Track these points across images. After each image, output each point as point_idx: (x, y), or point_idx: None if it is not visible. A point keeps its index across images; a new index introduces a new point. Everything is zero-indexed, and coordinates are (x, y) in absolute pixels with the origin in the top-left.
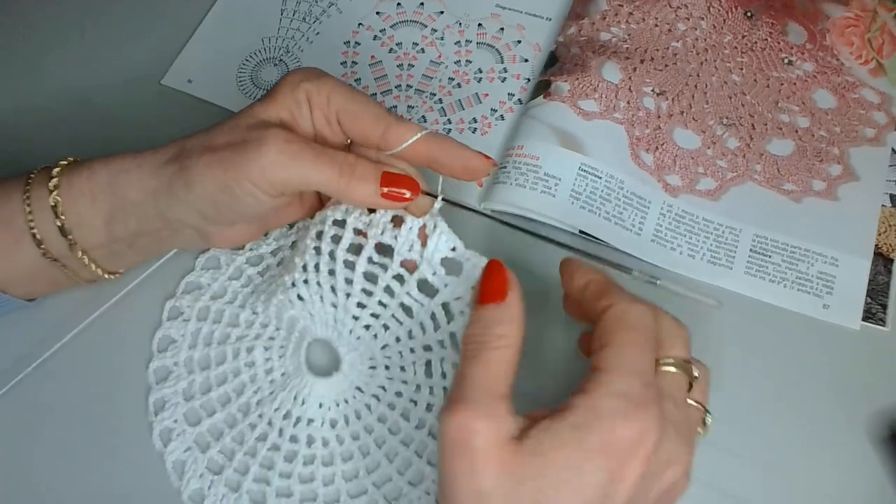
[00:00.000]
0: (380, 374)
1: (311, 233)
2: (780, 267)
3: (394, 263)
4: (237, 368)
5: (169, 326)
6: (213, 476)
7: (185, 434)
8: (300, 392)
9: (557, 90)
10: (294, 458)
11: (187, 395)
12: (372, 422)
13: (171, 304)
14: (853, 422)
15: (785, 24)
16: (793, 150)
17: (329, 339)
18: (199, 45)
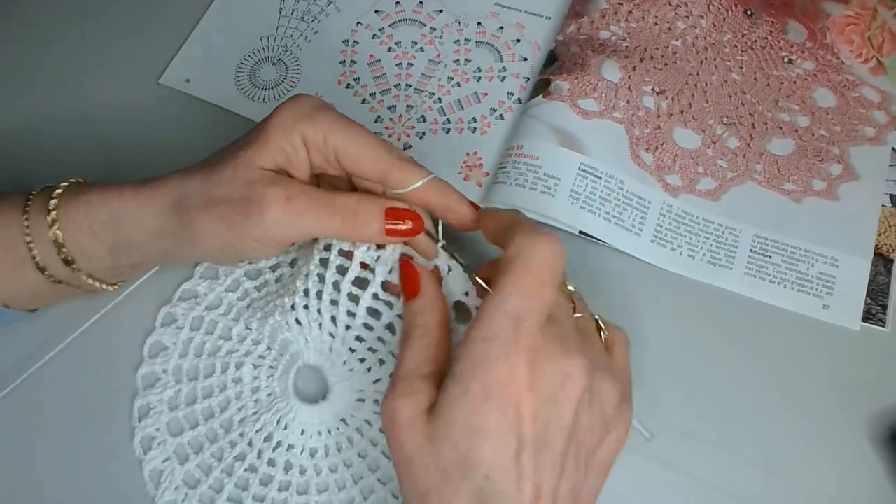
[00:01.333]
0: (367, 407)
1: (315, 259)
2: (780, 267)
3: (399, 301)
4: (224, 383)
5: (162, 332)
6: (188, 490)
7: (165, 444)
8: (284, 416)
9: (557, 89)
10: (270, 482)
11: (172, 405)
12: (352, 455)
13: (165, 311)
14: (853, 422)
15: (785, 22)
16: (793, 149)
17: (320, 367)
18: (198, 45)
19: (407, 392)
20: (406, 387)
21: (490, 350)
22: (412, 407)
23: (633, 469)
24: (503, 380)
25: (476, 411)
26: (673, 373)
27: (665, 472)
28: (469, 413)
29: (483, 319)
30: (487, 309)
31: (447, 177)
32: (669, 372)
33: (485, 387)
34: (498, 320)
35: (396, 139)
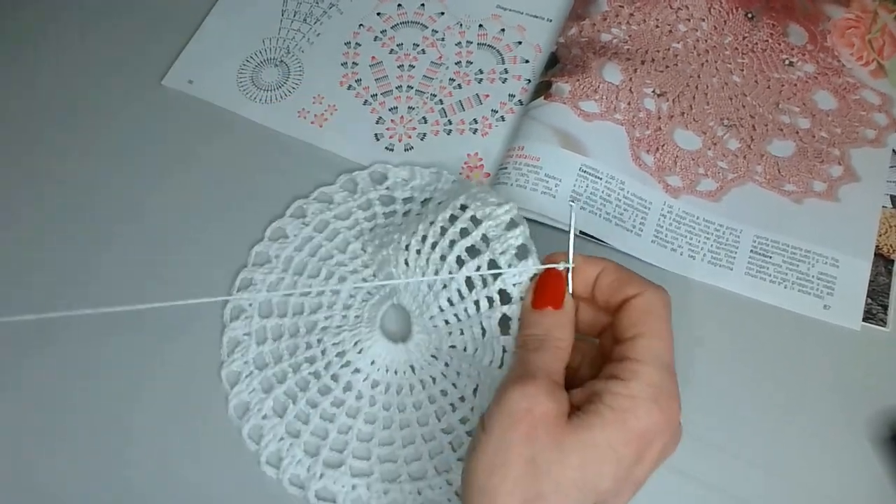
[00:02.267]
0: (437, 365)
1: (447, 213)
2: (780, 268)
3: (494, 285)
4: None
5: (288, 222)
6: (255, 369)
7: (252, 319)
8: (362, 341)
9: (558, 91)
10: (327, 393)
11: (271, 288)
12: (408, 402)
13: (299, 203)
14: (854, 422)
15: (786, 25)
16: (793, 151)
17: (410, 312)
18: (200, 46)
19: (551, 391)
20: (549, 385)
21: (656, 396)
22: (556, 407)
23: None
24: (662, 425)
25: (623, 444)
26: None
27: (666, 473)
28: (615, 443)
29: (646, 366)
30: (648, 357)
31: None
32: None
33: (643, 427)
34: (661, 371)
35: (398, 140)
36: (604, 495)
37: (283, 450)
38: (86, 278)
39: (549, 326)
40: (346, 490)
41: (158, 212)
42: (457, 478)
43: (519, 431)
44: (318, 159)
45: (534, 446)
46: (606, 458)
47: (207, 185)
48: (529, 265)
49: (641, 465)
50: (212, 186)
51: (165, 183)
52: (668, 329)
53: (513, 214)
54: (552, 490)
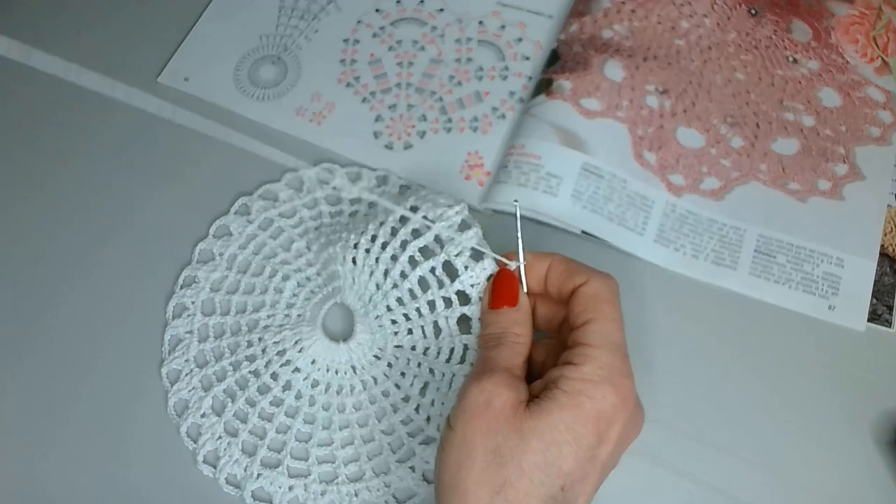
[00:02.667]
0: (380, 366)
1: (397, 214)
2: (784, 268)
3: (451, 287)
4: (266, 286)
5: (232, 219)
6: (196, 367)
7: (194, 317)
8: (303, 340)
9: (559, 88)
10: (266, 392)
11: (214, 287)
12: (348, 402)
13: (243, 200)
14: (858, 423)
15: (789, 21)
16: (798, 149)
17: (354, 311)
18: (196, 43)
19: (509, 383)
20: (507, 378)
21: (610, 378)
22: (514, 397)
23: (634, 470)
24: (619, 406)
25: (581, 424)
26: (676, 373)
27: (667, 474)
28: (573, 424)
29: (599, 350)
30: (599, 340)
31: (448, 177)
32: (673, 372)
33: (599, 408)
34: (612, 352)
35: (397, 138)
36: (569, 477)
37: (220, 449)
38: (74, 272)
39: (507, 324)
40: (283, 491)
41: (150, 211)
42: (394, 479)
43: (480, 425)
44: (317, 158)
45: (496, 437)
46: (565, 439)
47: (207, 186)
48: (484, 266)
49: (605, 446)
50: (208, 185)
51: (163, 182)
52: (616, 312)
53: (464, 215)
54: (517, 476)
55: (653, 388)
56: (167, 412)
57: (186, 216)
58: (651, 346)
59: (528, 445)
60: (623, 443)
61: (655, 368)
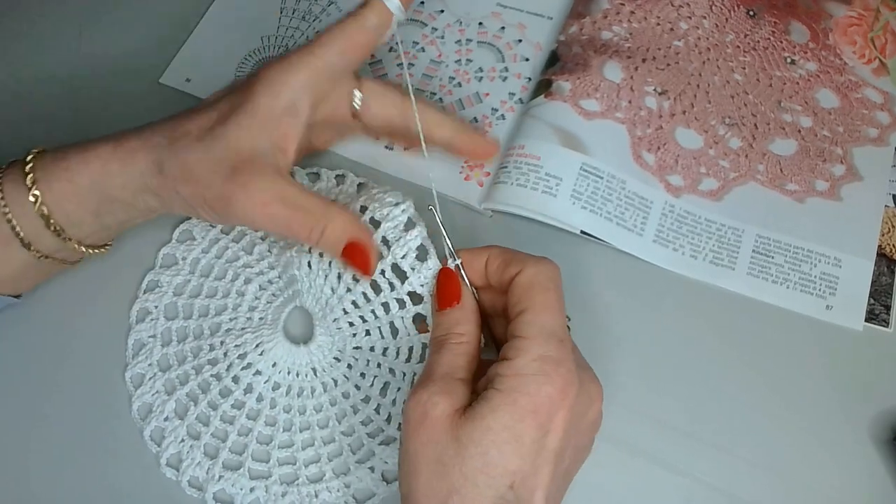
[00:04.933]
0: (340, 368)
1: None
2: (782, 268)
3: (402, 288)
4: (229, 290)
5: (194, 224)
6: (158, 371)
7: (157, 322)
8: (264, 343)
9: (559, 89)
10: (228, 395)
11: (178, 291)
12: (308, 405)
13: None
14: (856, 423)
15: (787, 23)
16: (796, 149)
17: (312, 314)
18: (198, 44)
19: (445, 391)
20: (444, 386)
21: (543, 369)
22: (449, 405)
23: (634, 470)
24: (555, 396)
25: (518, 421)
26: (675, 373)
27: (667, 473)
28: (509, 423)
29: (530, 340)
30: (531, 331)
31: (448, 176)
32: (671, 372)
33: (535, 401)
34: (545, 341)
35: None
36: (516, 475)
37: (183, 452)
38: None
39: (449, 325)
40: (244, 492)
41: None
42: (354, 480)
43: (420, 437)
44: (317, 158)
45: (436, 447)
46: (504, 439)
47: None
48: (429, 266)
49: (552, 435)
50: None
51: None
52: (552, 299)
53: (410, 214)
54: (461, 483)
55: (651, 388)
56: (131, 416)
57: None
58: (649, 346)
59: (466, 452)
60: (578, 424)
61: (654, 368)
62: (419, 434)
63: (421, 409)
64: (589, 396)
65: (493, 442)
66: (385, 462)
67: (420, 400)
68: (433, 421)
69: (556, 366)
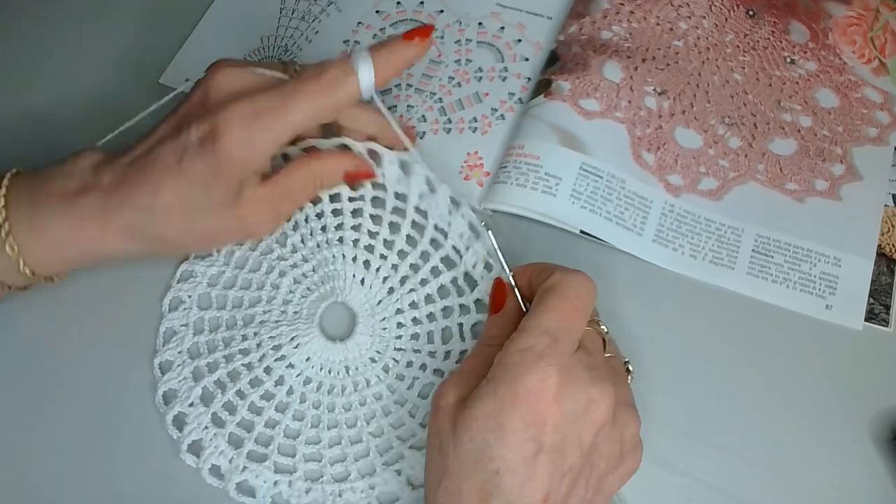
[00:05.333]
0: (374, 369)
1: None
2: (782, 267)
3: (471, 295)
4: (263, 282)
5: None
6: (188, 358)
7: (190, 311)
8: (299, 337)
9: (558, 89)
10: (258, 386)
11: (212, 281)
12: (337, 403)
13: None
14: (856, 423)
15: (787, 22)
16: (795, 149)
17: (357, 312)
18: (198, 44)
19: (457, 383)
20: (459, 380)
21: (524, 359)
22: (454, 396)
23: None
24: (532, 387)
25: (500, 410)
26: (674, 372)
27: (666, 473)
28: (493, 411)
29: (522, 333)
30: (527, 325)
31: (448, 177)
32: (671, 372)
33: (514, 390)
34: (536, 336)
35: None
36: (503, 461)
37: (205, 439)
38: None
39: (489, 328)
40: (268, 485)
41: None
42: (379, 482)
43: (432, 426)
44: None
45: (440, 434)
46: (487, 426)
47: None
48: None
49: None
50: None
51: None
52: (564, 304)
53: (470, 218)
54: (455, 466)
55: (651, 388)
56: (155, 402)
57: None
58: (649, 346)
59: (459, 437)
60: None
61: (653, 368)
62: (432, 423)
63: (436, 400)
64: (588, 398)
65: (479, 429)
66: (412, 467)
67: (437, 393)
68: (442, 410)
69: (536, 358)
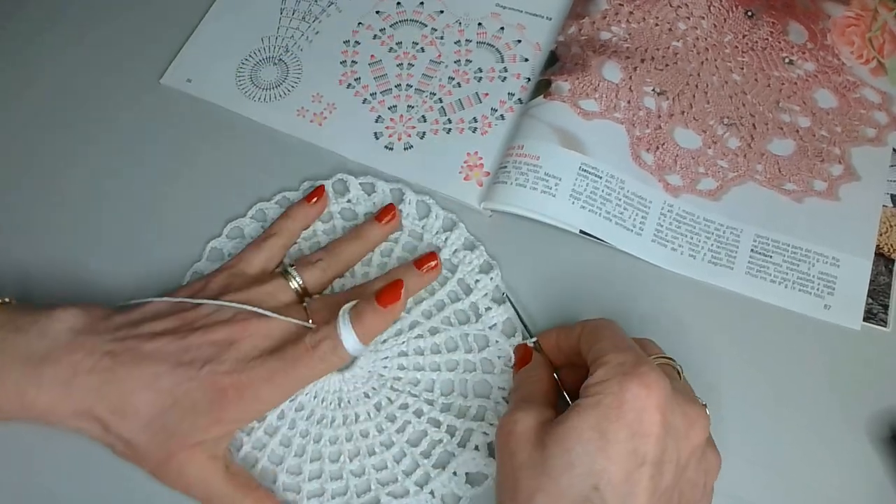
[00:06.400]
0: (367, 404)
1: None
2: (781, 267)
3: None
4: None
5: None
6: None
7: None
8: None
9: (558, 90)
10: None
11: None
12: (325, 434)
13: (212, 244)
14: (854, 422)
15: (786, 23)
16: (794, 149)
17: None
18: (199, 45)
19: (526, 409)
20: (526, 405)
21: (622, 369)
22: (531, 419)
23: None
24: (640, 394)
25: (603, 419)
26: None
27: None
28: (594, 422)
29: (609, 355)
30: (606, 350)
31: (448, 177)
32: None
33: (619, 398)
34: (622, 353)
35: (397, 139)
36: (602, 475)
37: None
38: (82, 276)
39: (523, 374)
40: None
41: (157, 210)
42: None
43: (506, 451)
44: (317, 158)
45: (521, 455)
46: (590, 438)
47: (205, 184)
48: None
49: (644, 439)
50: (209, 185)
51: (164, 182)
52: (618, 333)
53: (498, 282)
54: (546, 481)
55: None
56: None
57: (199, 216)
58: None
59: (549, 452)
60: (677, 439)
61: None
62: (505, 450)
63: (506, 429)
64: (687, 416)
65: (578, 440)
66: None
67: (504, 423)
68: (518, 435)
69: (635, 366)
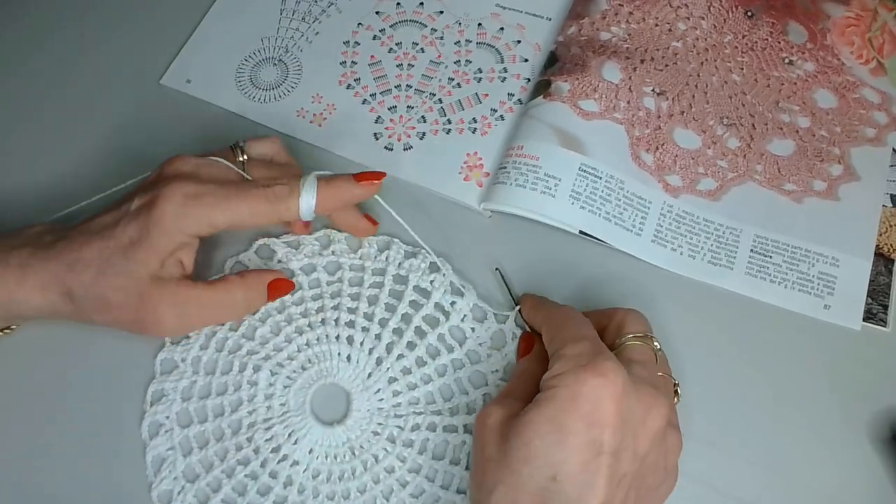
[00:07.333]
0: (379, 441)
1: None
2: (780, 267)
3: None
4: (239, 383)
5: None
6: (186, 482)
7: (172, 433)
8: (297, 431)
9: (557, 90)
10: (267, 493)
11: (185, 395)
12: (351, 487)
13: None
14: (854, 422)
15: (785, 23)
16: (793, 150)
17: (349, 390)
18: (198, 45)
19: (501, 402)
20: (503, 400)
21: (578, 362)
22: (502, 412)
23: None
24: (596, 384)
25: (559, 412)
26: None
27: None
28: (551, 414)
29: (564, 348)
30: (566, 340)
31: (447, 178)
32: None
33: (574, 391)
34: (577, 343)
35: (397, 139)
36: (560, 466)
37: None
38: None
39: (524, 361)
40: None
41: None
42: None
43: (478, 443)
44: (317, 159)
45: (488, 448)
46: (547, 430)
47: None
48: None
49: (601, 430)
50: None
51: None
52: (578, 318)
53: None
54: (506, 474)
55: None
56: None
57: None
58: None
59: (510, 445)
60: (635, 427)
61: None
62: (477, 443)
63: (479, 422)
64: (644, 403)
65: (535, 433)
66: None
67: (478, 416)
68: (488, 428)
69: (591, 357)
